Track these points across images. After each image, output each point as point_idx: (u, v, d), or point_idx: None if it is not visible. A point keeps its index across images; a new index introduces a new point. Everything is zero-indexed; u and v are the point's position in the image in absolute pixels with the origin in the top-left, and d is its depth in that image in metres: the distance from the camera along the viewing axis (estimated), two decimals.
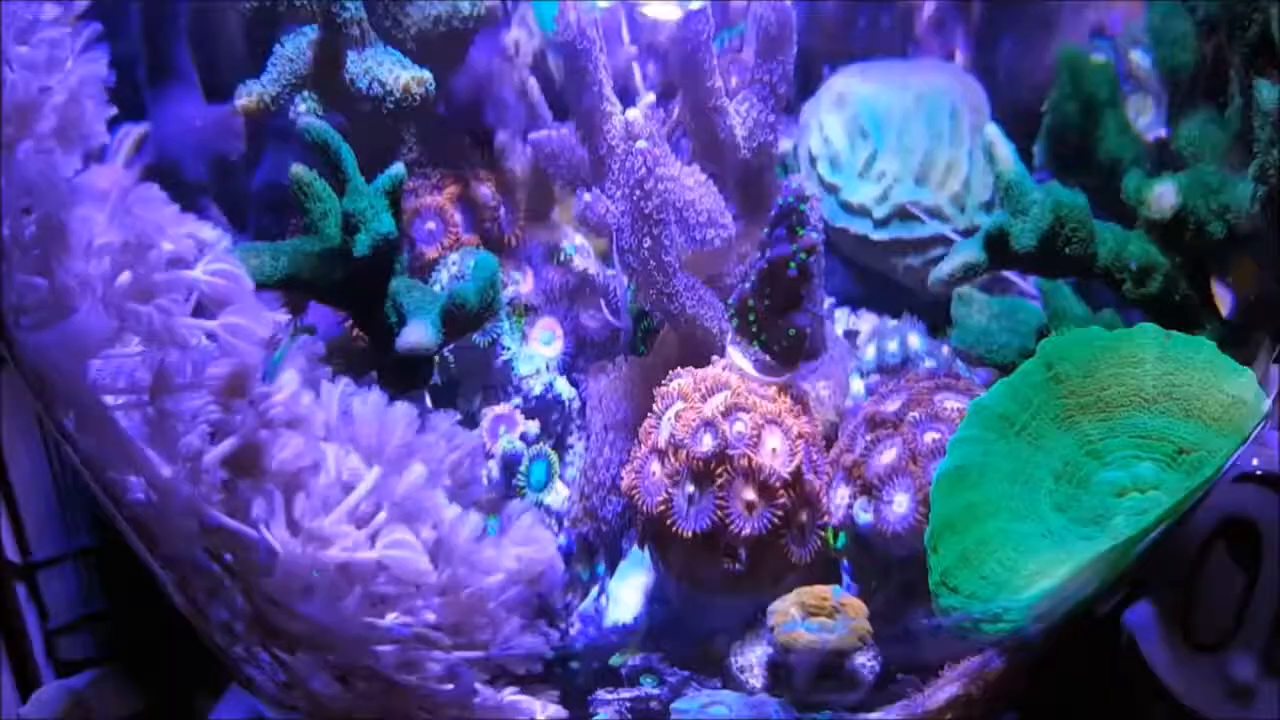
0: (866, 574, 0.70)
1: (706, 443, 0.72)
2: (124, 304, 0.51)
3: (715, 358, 0.81)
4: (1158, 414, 0.65)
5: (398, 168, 0.74)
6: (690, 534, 0.69)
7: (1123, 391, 0.66)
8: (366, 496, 0.54)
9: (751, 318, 0.79)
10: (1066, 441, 0.65)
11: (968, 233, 0.99)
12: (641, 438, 0.77)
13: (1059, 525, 0.61)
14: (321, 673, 0.56)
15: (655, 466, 0.74)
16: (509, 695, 0.57)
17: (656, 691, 0.66)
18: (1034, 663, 0.68)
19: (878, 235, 1.05)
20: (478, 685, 0.56)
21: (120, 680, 1.04)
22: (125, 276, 0.52)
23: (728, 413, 0.74)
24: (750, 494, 0.70)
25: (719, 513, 0.69)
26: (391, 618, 0.54)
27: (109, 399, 0.53)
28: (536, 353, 0.93)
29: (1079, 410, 0.66)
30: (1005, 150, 0.80)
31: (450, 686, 0.55)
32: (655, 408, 0.78)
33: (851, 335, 1.06)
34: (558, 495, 0.82)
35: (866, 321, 1.08)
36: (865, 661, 0.65)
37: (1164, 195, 0.78)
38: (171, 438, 0.53)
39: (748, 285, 0.79)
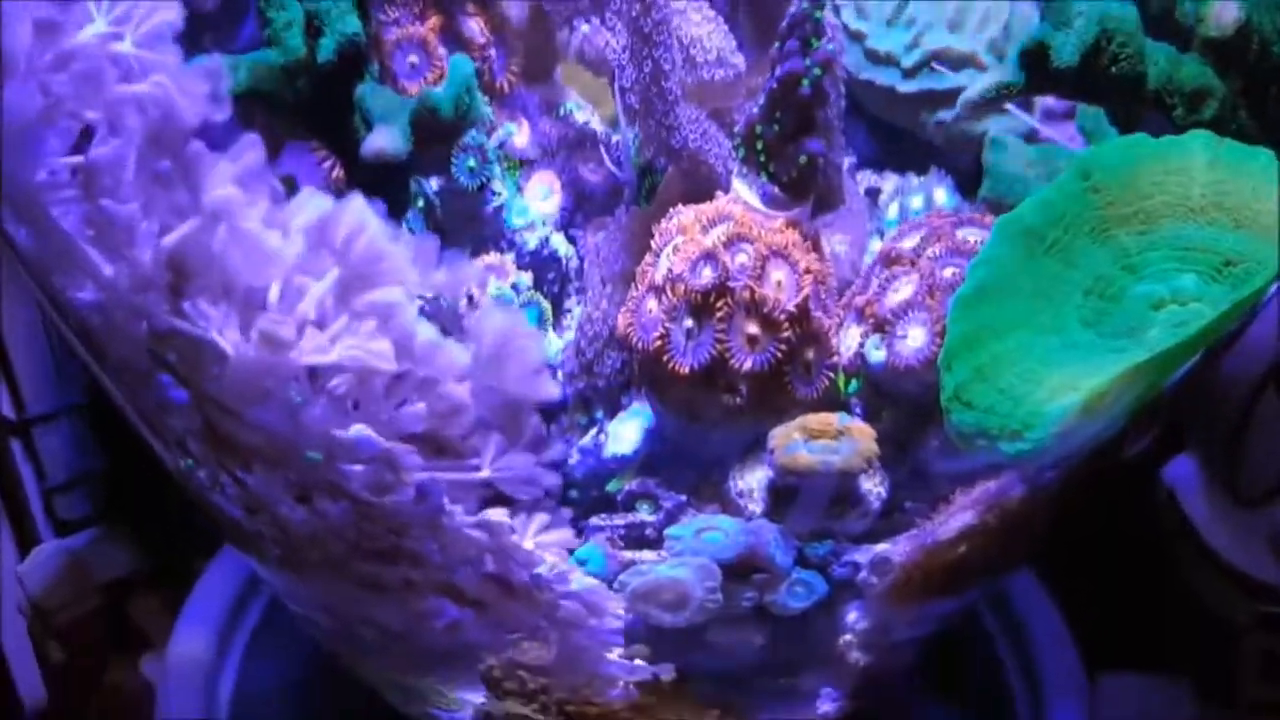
0: (878, 413, 0.64)
1: (706, 275, 0.67)
2: (49, 77, 0.46)
3: (719, 194, 0.75)
4: (1204, 225, 0.58)
5: None
6: (687, 369, 0.64)
7: (1167, 201, 0.59)
8: (326, 298, 0.49)
9: (759, 145, 0.72)
10: (1100, 256, 0.59)
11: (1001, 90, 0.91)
12: (638, 277, 0.72)
13: (1086, 339, 0.55)
14: (282, 492, 0.53)
15: (652, 303, 0.69)
16: (493, 515, 0.52)
17: (652, 519, 0.62)
18: (1058, 501, 0.63)
19: (905, 87, 0.97)
20: (449, 504, 0.51)
21: (118, 540, 1.04)
22: (49, 54, 0.47)
23: (729, 243, 0.68)
24: (752, 328, 0.65)
25: (718, 347, 0.64)
26: (355, 428, 0.49)
27: (45, 191, 0.49)
28: (532, 207, 0.87)
29: (1116, 223, 0.59)
30: None
31: (420, 506, 0.51)
32: (653, 245, 0.72)
33: (873, 193, 0.98)
34: (550, 344, 0.77)
35: (890, 182, 1.01)
36: (872, 489, 0.60)
37: (1225, 9, 0.71)
38: (110, 232, 0.49)
39: (755, 109, 0.72)
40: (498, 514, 0.52)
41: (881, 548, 0.60)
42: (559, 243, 0.86)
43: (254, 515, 0.57)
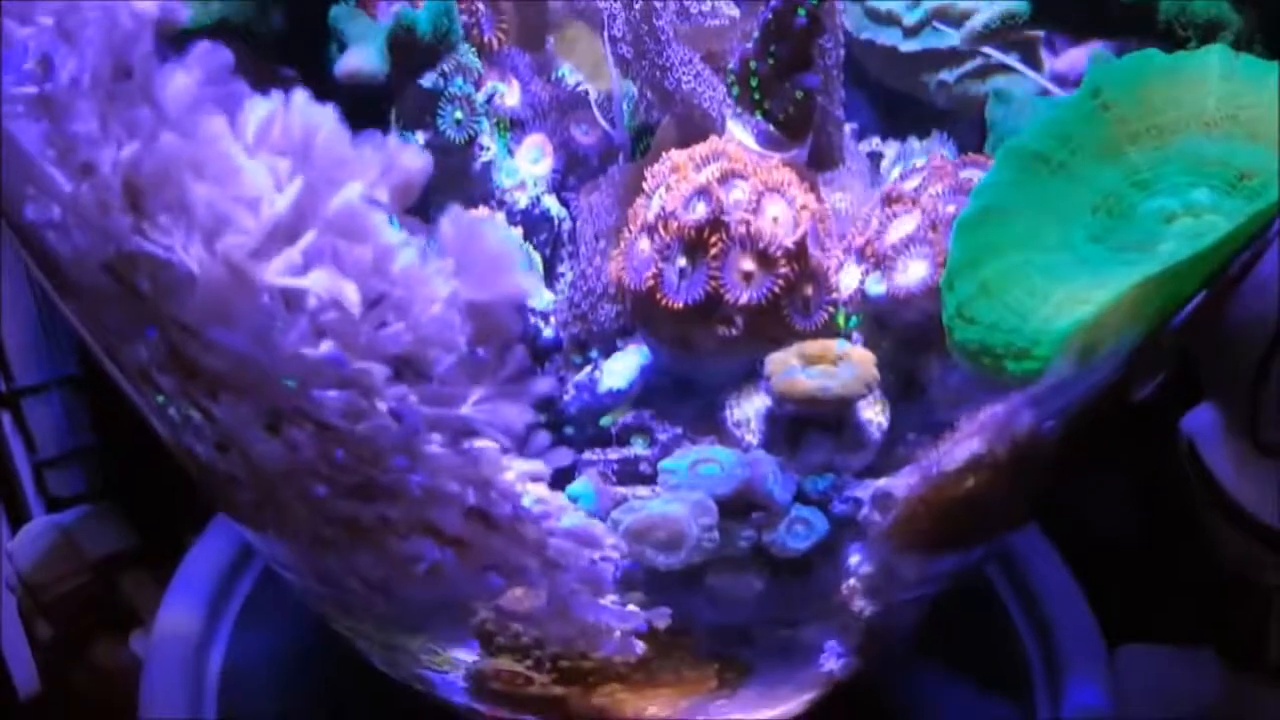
0: (878, 346, 0.61)
1: (699, 210, 0.64)
2: None
3: (714, 138, 0.72)
4: (1219, 139, 0.55)
5: None
6: (681, 305, 0.62)
7: (1180, 116, 0.56)
8: (291, 211, 0.46)
9: (754, 82, 0.70)
10: (1109, 174, 0.56)
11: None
12: (629, 220, 0.69)
13: (1095, 254, 0.52)
14: (250, 421, 0.50)
15: (644, 243, 0.66)
16: (476, 442, 0.49)
17: (646, 453, 0.59)
18: (1067, 444, 0.60)
19: (907, 46, 0.93)
20: (426, 430, 0.49)
21: (109, 517, 1.02)
22: None
23: (723, 179, 0.65)
24: (748, 264, 0.62)
25: (712, 284, 0.62)
26: (325, 346, 0.47)
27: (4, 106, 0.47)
28: (522, 169, 0.85)
29: (1127, 140, 0.57)
30: None
31: (393, 429, 0.48)
32: (645, 188, 0.70)
33: (875, 157, 0.96)
34: (541, 295, 0.75)
35: (892, 149, 0.98)
36: (872, 418, 0.57)
37: None
38: (70, 150, 0.47)
39: (749, 45, 0.70)
40: (480, 441, 0.50)
41: (884, 482, 0.57)
42: (551, 203, 0.84)
43: (225, 454, 0.54)
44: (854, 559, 0.61)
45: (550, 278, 0.85)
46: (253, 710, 0.86)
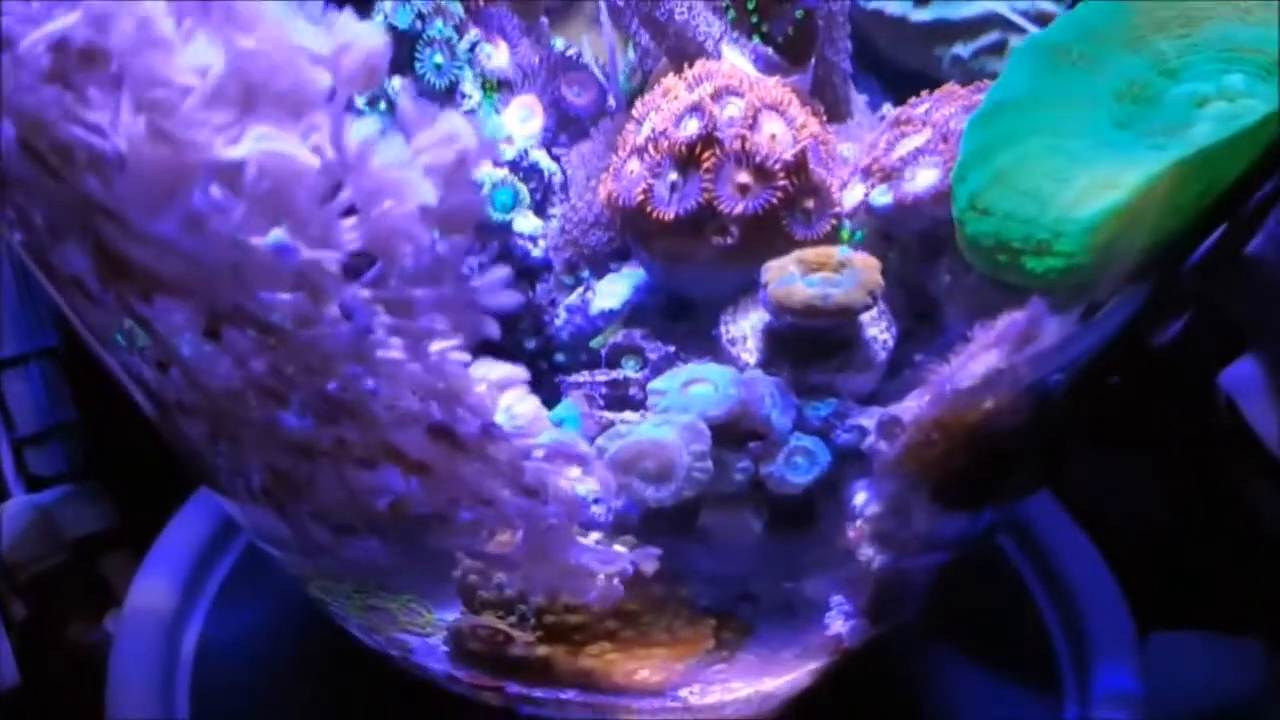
0: (883, 258, 0.56)
1: (691, 126, 0.60)
2: None
3: (708, 61, 0.68)
4: (1253, 23, 0.50)
5: None
6: (672, 216, 0.57)
7: (1211, 2, 0.51)
8: (234, 81, 0.42)
9: (751, 5, 0.66)
10: (1134, 62, 0.51)
11: (1034, 16, 0.83)
12: (619, 145, 0.65)
13: (1122, 139, 0.47)
14: (187, 325, 0.46)
15: (633, 164, 0.62)
16: (438, 344, 0.45)
17: (637, 376, 0.54)
18: (1087, 383, 0.54)
19: (917, 16, 0.88)
20: (383, 331, 0.44)
21: (90, 497, 0.98)
22: None
23: (717, 96, 0.61)
24: (744, 177, 0.58)
25: (706, 194, 0.57)
26: (273, 234, 0.42)
27: None
28: (510, 128, 0.80)
29: (1153, 28, 0.52)
30: None
31: (344, 330, 0.44)
32: (635, 113, 0.66)
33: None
34: (528, 221, 0.70)
35: None
36: (877, 335, 0.52)
37: None
38: None
39: None
40: (442, 343, 0.45)
41: (892, 409, 0.52)
42: (540, 156, 0.79)
43: (166, 372, 0.50)
44: (859, 498, 0.56)
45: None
46: (227, 690, 0.81)
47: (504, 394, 0.47)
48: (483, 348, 0.46)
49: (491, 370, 0.46)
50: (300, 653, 0.83)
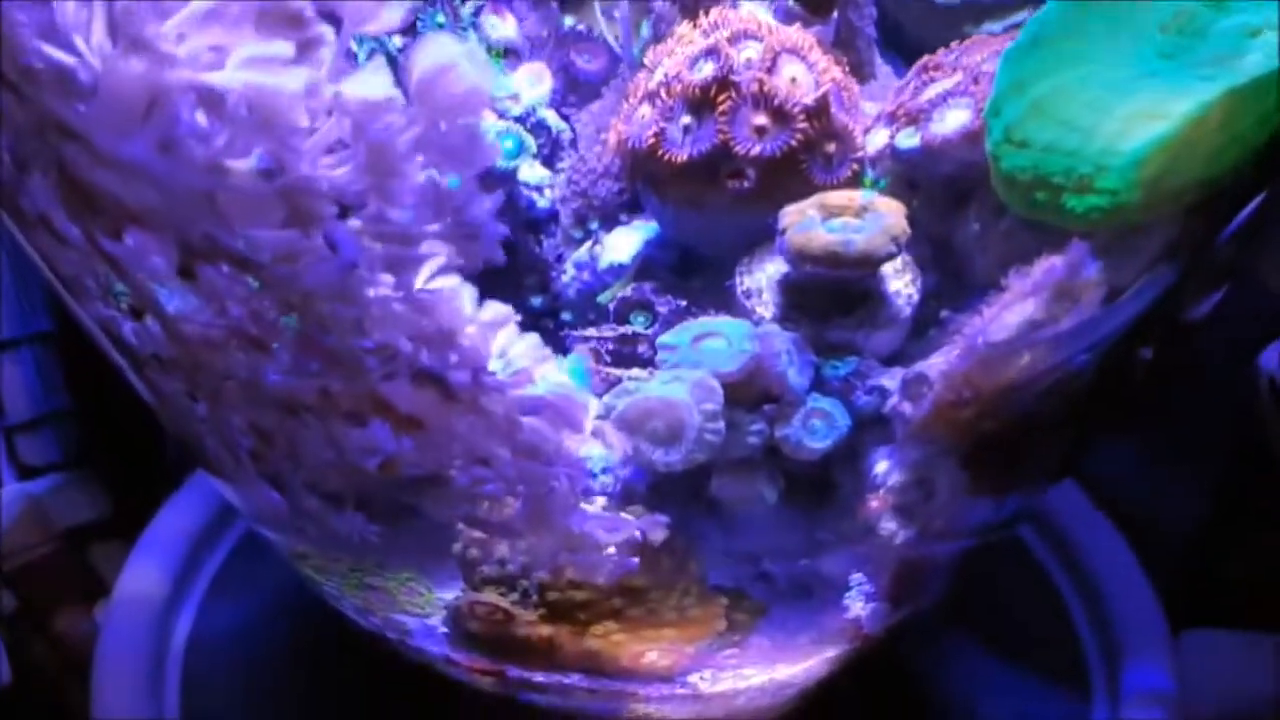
0: (908, 206, 0.53)
1: (706, 69, 0.56)
2: None
3: (724, 9, 0.65)
4: None
5: None
6: (685, 158, 0.53)
7: None
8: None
9: None
10: None
11: None
12: (629, 92, 0.62)
13: (1167, 69, 0.44)
14: (160, 269, 0.42)
15: (645, 109, 0.58)
16: (429, 282, 0.41)
17: (647, 332, 0.51)
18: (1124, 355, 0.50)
19: None
20: (369, 267, 0.41)
21: (82, 486, 0.95)
22: None
23: (734, 39, 0.58)
24: (761, 119, 0.54)
25: (721, 136, 0.53)
26: (253, 154, 0.39)
27: None
28: (520, 91, 0.77)
29: None
30: None
31: (328, 264, 0.40)
32: (647, 62, 0.62)
33: None
34: (533, 170, 0.67)
35: None
36: (901, 289, 0.49)
37: None
38: None
39: None
40: (435, 281, 0.42)
41: (917, 368, 0.48)
42: (548, 115, 0.76)
43: (141, 320, 0.47)
44: (880, 467, 0.52)
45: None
46: (219, 683, 0.78)
47: (497, 334, 0.43)
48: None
49: (482, 312, 0.43)
50: (294, 643, 0.79)
